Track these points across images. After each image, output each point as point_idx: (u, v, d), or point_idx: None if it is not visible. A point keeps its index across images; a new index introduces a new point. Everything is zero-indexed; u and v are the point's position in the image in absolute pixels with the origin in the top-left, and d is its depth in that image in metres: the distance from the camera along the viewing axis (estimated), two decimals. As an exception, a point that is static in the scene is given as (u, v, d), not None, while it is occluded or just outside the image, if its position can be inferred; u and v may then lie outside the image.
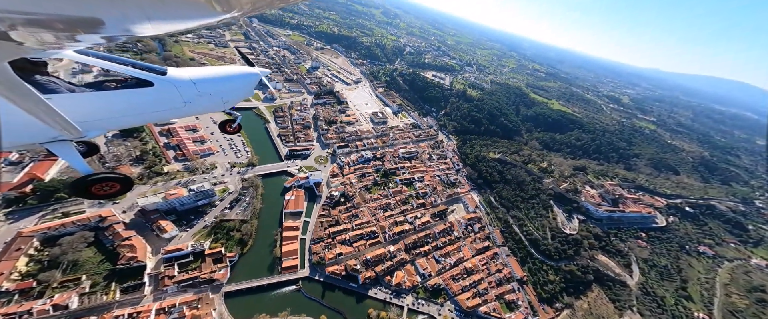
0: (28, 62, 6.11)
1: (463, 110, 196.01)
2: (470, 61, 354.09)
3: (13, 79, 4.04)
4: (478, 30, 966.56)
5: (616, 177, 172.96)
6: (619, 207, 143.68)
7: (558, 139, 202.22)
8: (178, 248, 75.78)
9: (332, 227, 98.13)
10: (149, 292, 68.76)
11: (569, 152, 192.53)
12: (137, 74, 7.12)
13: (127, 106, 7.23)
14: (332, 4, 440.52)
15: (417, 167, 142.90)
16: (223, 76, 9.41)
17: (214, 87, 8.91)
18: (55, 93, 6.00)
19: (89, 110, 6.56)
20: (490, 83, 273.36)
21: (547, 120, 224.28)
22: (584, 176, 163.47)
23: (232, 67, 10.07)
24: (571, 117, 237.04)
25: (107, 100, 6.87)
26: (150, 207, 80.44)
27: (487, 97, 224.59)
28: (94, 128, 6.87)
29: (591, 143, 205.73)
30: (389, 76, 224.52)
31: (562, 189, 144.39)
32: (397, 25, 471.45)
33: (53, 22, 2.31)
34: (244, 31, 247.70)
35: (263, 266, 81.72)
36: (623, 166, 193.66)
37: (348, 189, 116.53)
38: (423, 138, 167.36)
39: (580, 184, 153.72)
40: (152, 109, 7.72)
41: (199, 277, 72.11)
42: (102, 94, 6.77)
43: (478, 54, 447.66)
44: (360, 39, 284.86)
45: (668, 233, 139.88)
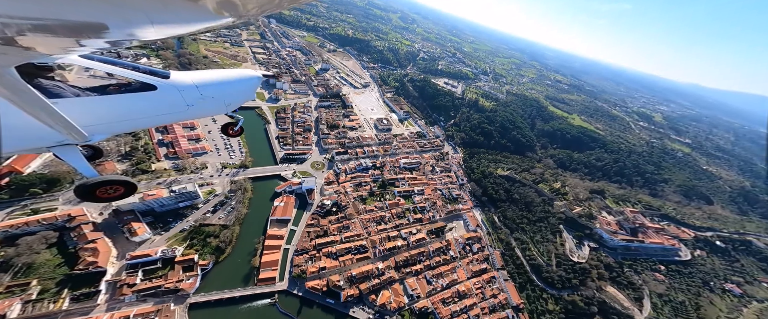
0: (34, 67, 6.27)
1: (474, 121, 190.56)
2: (486, 70, 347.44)
3: (20, 84, 4.24)
4: (499, 38, 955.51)
5: (639, 204, 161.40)
6: (639, 237, 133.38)
7: (576, 158, 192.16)
8: (146, 254, 73.11)
9: (319, 238, 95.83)
10: (104, 301, 64.54)
11: (587, 173, 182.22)
12: (141, 78, 7.33)
13: (132, 110, 7.47)
14: (351, 8, 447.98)
15: (418, 179, 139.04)
16: (225, 80, 9.66)
17: (217, 91, 9.15)
18: (61, 97, 6.16)
19: (94, 114, 6.77)
20: (505, 94, 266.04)
21: (566, 136, 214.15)
22: (602, 201, 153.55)
23: (233, 70, 10.28)
24: (592, 134, 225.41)
25: (112, 104, 7.05)
26: (125, 207, 78.77)
27: (500, 108, 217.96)
28: (99, 132, 7.10)
29: (613, 165, 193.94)
30: (399, 81, 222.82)
31: (574, 213, 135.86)
32: (413, 31, 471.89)
33: (59, 27, 2.41)
34: (260, 31, 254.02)
35: (238, 276, 79.15)
36: (648, 191, 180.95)
37: (341, 198, 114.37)
38: (427, 148, 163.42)
39: (596, 209, 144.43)
40: (156, 113, 7.98)
41: (163, 286, 68.94)
42: (106, 98, 6.94)
43: (496, 62, 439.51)
44: (373, 42, 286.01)
45: (692, 268, 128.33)
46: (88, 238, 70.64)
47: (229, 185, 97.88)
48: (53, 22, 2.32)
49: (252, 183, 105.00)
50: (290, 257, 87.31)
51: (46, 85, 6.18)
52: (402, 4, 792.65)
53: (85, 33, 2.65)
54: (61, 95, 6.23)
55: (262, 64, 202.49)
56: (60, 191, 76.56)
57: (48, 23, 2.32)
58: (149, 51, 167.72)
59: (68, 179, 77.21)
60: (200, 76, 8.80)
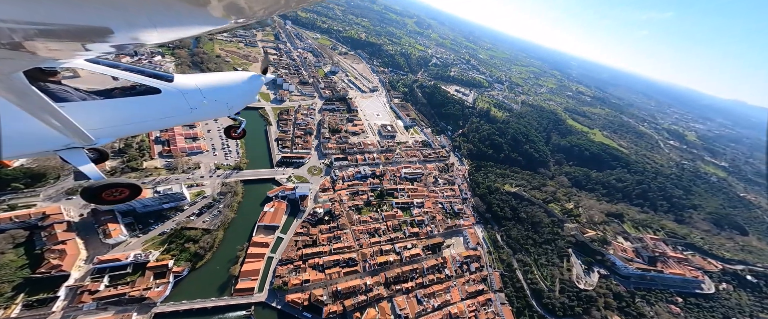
0: (41, 71, 6.44)
1: (483, 132, 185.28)
2: (501, 79, 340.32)
3: (28, 88, 4.43)
4: (519, 45, 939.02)
5: (662, 230, 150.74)
6: (657, 266, 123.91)
7: (594, 177, 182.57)
8: (115, 258, 70.50)
9: (307, 248, 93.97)
10: (60, 309, 60.11)
11: (605, 194, 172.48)
12: (145, 82, 7.55)
13: (136, 114, 7.70)
14: (366, 12, 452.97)
15: (418, 190, 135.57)
16: (228, 83, 9.91)
17: (219, 93, 9.40)
18: (68, 101, 6.38)
19: (100, 118, 7.02)
20: (520, 104, 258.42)
21: (584, 153, 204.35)
22: (619, 225, 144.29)
23: (236, 73, 10.55)
24: (615, 152, 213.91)
25: (117, 108, 7.30)
26: (102, 207, 76.22)
27: (513, 119, 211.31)
28: (105, 135, 7.29)
29: (636, 186, 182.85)
30: (408, 86, 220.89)
31: (586, 237, 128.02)
32: (428, 36, 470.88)
33: (65, 32, 2.50)
34: (275, 33, 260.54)
35: (214, 285, 77.02)
36: (674, 218, 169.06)
37: (336, 207, 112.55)
38: (432, 158, 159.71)
39: (611, 234, 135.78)
40: (159, 116, 8.18)
41: (128, 294, 65.62)
42: (112, 101, 7.18)
43: (513, 71, 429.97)
44: (385, 46, 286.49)
45: (714, 302, 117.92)
46: (59, 238, 68.38)
47: (220, 187, 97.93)
48: (59, 27, 2.40)
49: (244, 186, 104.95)
50: (273, 266, 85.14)
51: (53, 89, 6.36)
52: (419, 9, 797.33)
53: (90, 37, 2.75)
54: (68, 99, 6.47)
55: (273, 64, 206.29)
56: (43, 186, 77.36)
57: (54, 28, 2.40)
58: (165, 49, 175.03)
59: (54, 174, 78.27)
60: (203, 79, 9.07)
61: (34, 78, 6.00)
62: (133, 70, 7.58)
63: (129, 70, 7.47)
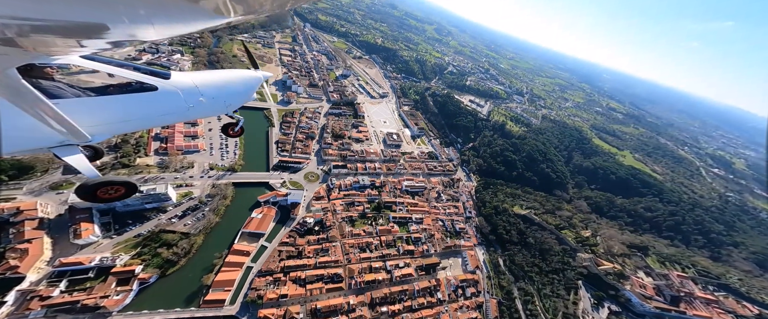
0: (35, 68, 6.45)
1: (496, 147, 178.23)
2: (522, 90, 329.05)
3: (21, 85, 4.51)
4: (546, 55, 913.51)
5: (692, 268, 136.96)
6: (680, 306, 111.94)
7: (618, 203, 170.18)
8: (79, 261, 67.15)
9: (291, 260, 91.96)
10: (4, 315, 57.02)
11: (630, 223, 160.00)
12: (141, 79, 7.59)
13: (132, 111, 7.74)
14: (387, 17, 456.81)
15: (419, 205, 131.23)
16: (226, 81, 10.19)
17: (217, 91, 9.66)
18: (62, 98, 6.39)
19: (95, 115, 7.07)
20: (540, 119, 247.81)
21: (609, 177, 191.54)
22: (641, 259, 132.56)
23: (234, 71, 10.83)
24: (646, 178, 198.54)
25: (113, 105, 7.34)
26: (81, 205, 75.43)
27: (530, 135, 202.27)
28: (100, 133, 7.35)
29: (668, 217, 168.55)
30: (420, 94, 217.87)
31: (601, 269, 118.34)
32: (446, 43, 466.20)
33: (59, 28, 2.53)
34: (293, 35, 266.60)
35: (182, 294, 73.75)
36: (709, 254, 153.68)
37: (328, 217, 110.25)
38: (437, 172, 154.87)
39: (631, 267, 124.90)
40: (156, 113, 8.29)
41: (82, 301, 61.22)
42: (107, 98, 7.24)
43: (536, 82, 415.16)
44: (400, 52, 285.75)
45: None
46: (25, 236, 66.00)
47: (210, 189, 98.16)
48: (54, 23, 2.41)
49: (235, 189, 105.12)
50: (251, 277, 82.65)
51: (47, 85, 6.36)
52: (441, 16, 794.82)
53: (85, 34, 2.79)
54: (62, 96, 6.45)
55: (285, 65, 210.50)
56: (29, 179, 78.66)
57: (49, 24, 2.40)
58: (186, 48, 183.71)
59: (42, 167, 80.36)
60: (201, 76, 9.21)
61: (27, 74, 5.97)
62: (130, 66, 7.62)
63: (125, 67, 7.50)
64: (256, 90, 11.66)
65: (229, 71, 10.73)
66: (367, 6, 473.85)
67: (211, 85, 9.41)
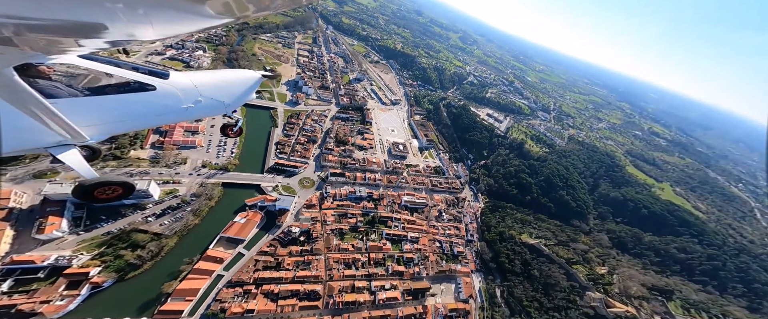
0: (32, 67, 6.49)
1: (510, 167, 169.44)
2: (548, 106, 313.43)
3: (18, 85, 4.60)
4: (582, 69, 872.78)
5: (725, 318, 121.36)
6: None
7: (647, 241, 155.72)
8: (31, 259, 63.62)
9: (267, 271, 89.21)
10: None
11: (657, 263, 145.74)
12: (140, 79, 7.72)
13: (130, 111, 7.87)
14: (411, 23, 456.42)
15: (417, 223, 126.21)
16: (225, 81, 10.55)
17: (216, 91, 9.91)
18: (59, 98, 6.48)
19: (93, 115, 7.18)
20: (566, 140, 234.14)
21: (640, 211, 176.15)
22: (662, 304, 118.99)
23: (233, 71, 11.21)
24: (685, 215, 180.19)
25: (111, 105, 7.47)
26: (55, 196, 73.69)
27: (552, 157, 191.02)
28: (98, 133, 7.46)
29: (705, 261, 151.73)
30: (434, 104, 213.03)
31: (611, 312, 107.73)
32: (470, 52, 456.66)
33: (57, 27, 2.59)
34: (314, 36, 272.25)
35: (137, 302, 69.79)
36: (746, 304, 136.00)
37: (316, 228, 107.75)
38: (441, 189, 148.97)
39: (648, 312, 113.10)
40: (154, 113, 8.45)
41: (19, 306, 57.09)
42: (105, 98, 7.36)
43: (566, 98, 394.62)
44: (419, 59, 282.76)
45: None
46: None
47: (197, 188, 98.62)
48: (52, 23, 2.46)
49: (224, 189, 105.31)
50: (219, 287, 79.70)
51: (44, 85, 6.41)
52: (469, 24, 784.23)
53: (83, 33, 2.85)
54: (60, 95, 6.53)
55: (301, 66, 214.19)
56: (15, 165, 79.42)
57: (46, 23, 2.45)
58: (210, 45, 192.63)
59: (33, 154, 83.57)
60: (199, 76, 9.42)
61: (25, 73, 5.92)
62: (128, 66, 7.70)
63: (123, 67, 7.56)
64: (254, 90, 11.87)
65: (227, 71, 11.04)
66: (393, 12, 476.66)
67: (210, 86, 9.59)
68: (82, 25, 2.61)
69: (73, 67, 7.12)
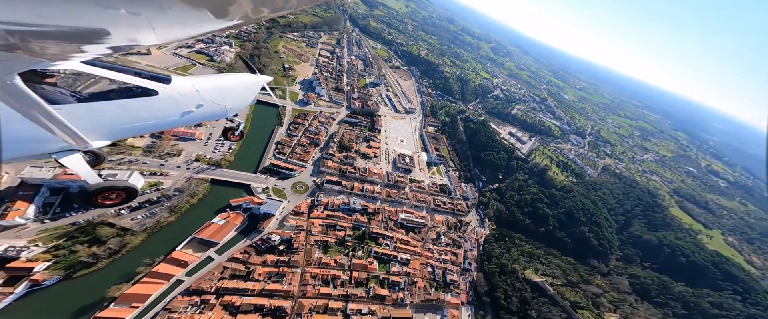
0: (36, 73, 6.66)
1: (526, 194, 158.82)
2: (584, 130, 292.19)
3: (23, 91, 4.79)
4: (634, 89, 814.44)
5: None
6: None
7: (676, 291, 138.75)
8: None
9: (233, 280, 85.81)
10: None
11: (682, 316, 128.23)
12: (142, 84, 7.97)
13: (133, 115, 8.16)
14: (440, 30, 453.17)
15: (411, 244, 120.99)
16: (226, 85, 10.95)
17: (217, 95, 10.21)
18: (63, 104, 6.72)
19: (96, 120, 7.46)
20: (599, 170, 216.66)
21: (677, 258, 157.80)
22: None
23: (234, 75, 11.65)
24: (733, 270, 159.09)
25: (114, 110, 7.75)
26: (31, 180, 73.51)
27: (579, 188, 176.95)
28: (101, 138, 7.77)
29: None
30: (451, 116, 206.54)
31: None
32: (501, 64, 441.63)
33: (61, 34, 2.72)
34: (339, 37, 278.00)
35: (74, 305, 64.82)
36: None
37: (299, 237, 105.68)
38: (444, 209, 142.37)
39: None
40: (157, 118, 8.78)
41: None
42: (108, 103, 7.64)
43: (608, 122, 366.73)
44: (442, 67, 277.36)
45: None
46: None
47: (183, 183, 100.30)
48: (55, 29, 2.58)
49: (211, 187, 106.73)
50: (173, 295, 74.63)
51: (48, 91, 6.68)
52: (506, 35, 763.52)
53: (86, 39, 2.97)
54: (63, 101, 6.78)
55: (319, 66, 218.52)
56: None
57: (50, 30, 2.58)
58: (237, 41, 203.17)
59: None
60: (201, 81, 9.75)
61: (28, 80, 5.88)
62: (130, 71, 7.86)
63: (125, 72, 7.73)
64: (256, 94, 12.27)
65: (229, 76, 11.50)
66: (423, 18, 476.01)
67: (212, 90, 9.82)
68: (85, 31, 2.71)
69: (76, 72, 7.25)
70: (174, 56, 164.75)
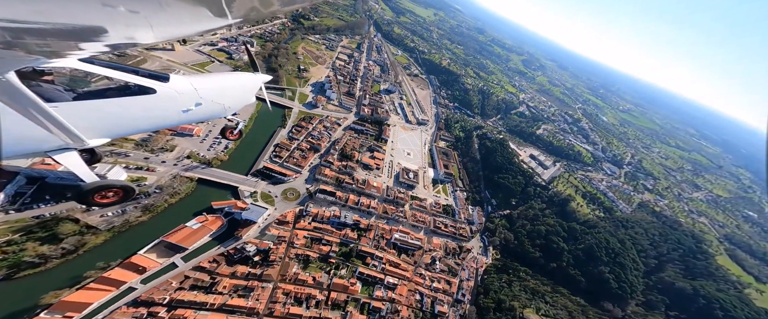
0: (33, 71, 6.80)
1: (541, 225, 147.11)
2: (622, 158, 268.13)
3: (19, 89, 4.89)
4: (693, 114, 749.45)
5: None
6: None
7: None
8: None
9: (193, 292, 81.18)
10: None
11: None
12: (140, 82, 8.04)
13: (130, 114, 8.26)
14: (467, 40, 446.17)
15: (401, 266, 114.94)
16: (225, 84, 11.25)
17: (216, 94, 10.42)
18: (60, 101, 6.76)
19: (93, 118, 7.52)
20: (633, 206, 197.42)
21: (712, 312, 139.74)
22: None
23: (233, 74, 12.19)
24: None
25: (110, 108, 7.81)
26: (10, 167, 72.44)
27: (606, 224, 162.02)
28: (98, 136, 7.81)
29: None
30: (466, 132, 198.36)
31: None
32: (532, 78, 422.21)
33: (57, 31, 2.75)
34: (360, 42, 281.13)
35: (1, 312, 60.68)
36: None
37: (278, 249, 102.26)
38: (445, 232, 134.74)
39: None
40: (154, 116, 8.94)
41: None
42: (105, 102, 7.70)
43: (653, 151, 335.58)
44: (464, 78, 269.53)
45: None
46: None
47: (168, 180, 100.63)
48: (52, 27, 2.61)
49: (197, 186, 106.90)
50: (118, 305, 69.02)
51: (45, 89, 6.75)
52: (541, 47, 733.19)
53: (83, 37, 3.01)
54: (60, 99, 6.81)
55: (335, 70, 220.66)
56: None
57: (47, 27, 2.60)
58: (260, 41, 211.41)
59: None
60: (199, 79, 9.92)
61: (25, 78, 6.15)
62: (128, 70, 7.94)
63: (123, 70, 7.78)
64: (255, 92, 12.56)
65: (228, 74, 11.81)
66: (451, 27, 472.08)
67: (210, 89, 10.04)
68: (83, 28, 2.74)
69: (73, 70, 7.26)
70: (196, 53, 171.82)
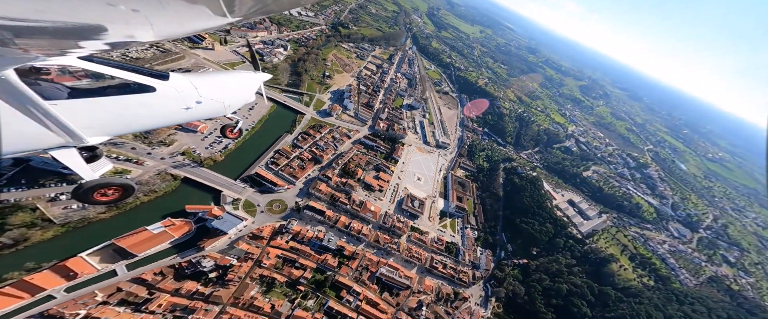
0: (32, 69, 6.89)
1: (563, 283, 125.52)
2: (699, 220, 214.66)
3: (18, 86, 4.96)
4: None
5: None
6: None
7: None
8: None
9: (119, 308, 73.14)
10: None
11: None
12: (140, 80, 8.12)
13: (130, 112, 8.35)
14: (514, 59, 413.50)
15: (380, 307, 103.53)
16: (225, 82, 11.49)
17: (216, 92, 10.58)
18: (59, 99, 6.85)
19: (92, 116, 7.58)
20: (701, 279, 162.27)
21: None
22: None
23: (233, 72, 12.44)
24: None
25: (110, 106, 7.88)
26: None
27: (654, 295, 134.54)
28: (98, 134, 7.90)
29: None
30: (492, 162, 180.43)
31: None
32: (589, 108, 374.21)
33: (57, 29, 2.79)
34: (393, 52, 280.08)
35: None
36: None
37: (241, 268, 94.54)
38: (441, 273, 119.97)
39: None
40: (154, 114, 9.02)
41: None
42: (105, 99, 7.77)
43: (747, 216, 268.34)
44: (501, 101, 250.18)
45: None
46: None
47: (151, 176, 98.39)
48: (51, 24, 2.66)
49: (180, 185, 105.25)
50: (20, 316, 63.41)
51: (44, 87, 6.82)
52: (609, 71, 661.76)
53: (83, 35, 3.05)
54: (59, 97, 6.90)
55: (360, 79, 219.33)
56: None
57: (46, 25, 2.64)
58: (294, 45, 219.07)
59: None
60: (200, 78, 10.09)
61: (24, 75, 6.19)
62: (128, 68, 7.98)
63: (123, 68, 7.86)
64: (255, 91, 13.09)
65: (228, 73, 12.07)
66: (497, 45, 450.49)
67: (210, 87, 10.17)
68: (83, 26, 2.78)
69: (72, 68, 7.31)
70: (232, 53, 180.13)
